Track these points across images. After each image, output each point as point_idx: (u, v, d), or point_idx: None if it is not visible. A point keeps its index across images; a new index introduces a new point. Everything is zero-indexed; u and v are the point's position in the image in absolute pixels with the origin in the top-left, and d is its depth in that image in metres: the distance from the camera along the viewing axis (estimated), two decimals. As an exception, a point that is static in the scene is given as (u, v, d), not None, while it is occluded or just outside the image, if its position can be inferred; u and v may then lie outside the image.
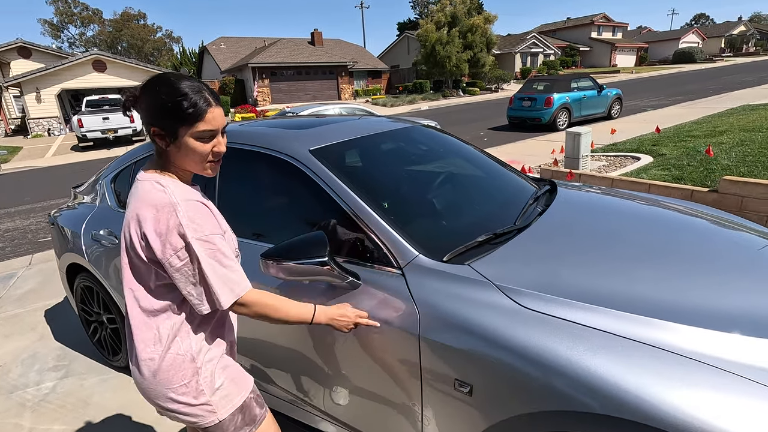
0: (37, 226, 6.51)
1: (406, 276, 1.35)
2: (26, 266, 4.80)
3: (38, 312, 3.55)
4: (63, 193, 8.57)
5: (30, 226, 6.57)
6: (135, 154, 2.35)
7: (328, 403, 1.57)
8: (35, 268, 4.70)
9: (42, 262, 4.89)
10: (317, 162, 1.64)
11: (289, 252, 1.32)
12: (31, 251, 5.36)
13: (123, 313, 2.35)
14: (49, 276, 4.39)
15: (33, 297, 3.89)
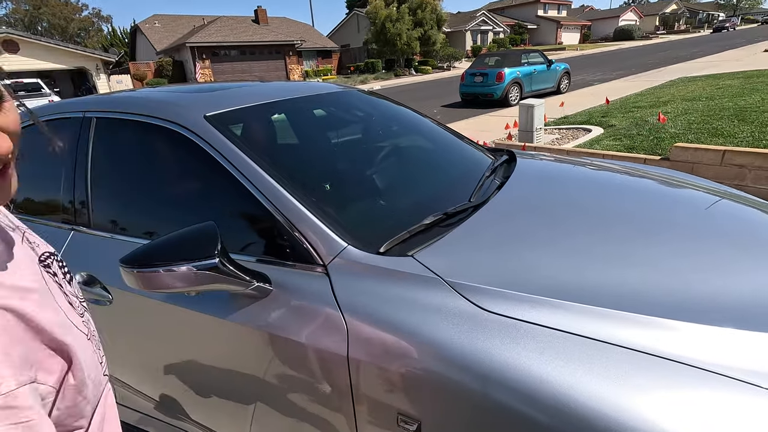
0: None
1: (330, 275, 1.01)
2: None
3: None
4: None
5: None
6: None
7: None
8: None
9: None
10: (214, 131, 1.25)
11: (160, 254, 0.94)
12: None
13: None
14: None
15: None
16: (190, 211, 1.28)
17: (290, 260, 1.08)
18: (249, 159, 1.18)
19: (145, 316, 1.23)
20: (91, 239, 1.38)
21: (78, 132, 1.48)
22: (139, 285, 0.94)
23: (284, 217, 1.08)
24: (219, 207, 1.22)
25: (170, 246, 0.95)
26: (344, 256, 1.03)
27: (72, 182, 1.46)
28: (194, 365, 1.20)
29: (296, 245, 1.07)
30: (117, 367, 1.45)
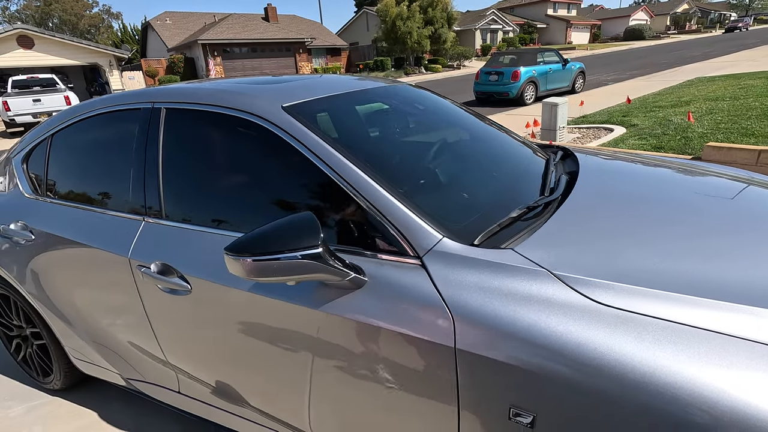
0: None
1: (427, 267, 1.00)
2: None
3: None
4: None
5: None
6: (52, 123, 1.83)
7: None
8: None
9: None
10: (294, 122, 1.24)
11: (265, 243, 0.94)
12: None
13: (47, 325, 1.87)
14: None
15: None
16: (269, 202, 1.28)
17: (381, 252, 1.07)
18: (334, 150, 1.17)
19: (227, 305, 1.23)
20: (165, 229, 1.38)
21: (147, 123, 1.48)
22: (244, 273, 0.94)
23: (375, 209, 1.08)
24: (301, 198, 1.22)
25: (274, 235, 0.95)
26: (440, 248, 1.02)
27: (142, 173, 1.46)
28: (277, 355, 1.19)
29: (388, 237, 1.06)
30: (188, 356, 1.45)
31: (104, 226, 1.53)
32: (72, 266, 1.63)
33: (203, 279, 1.25)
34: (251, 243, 0.94)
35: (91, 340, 1.76)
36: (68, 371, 2.00)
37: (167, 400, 1.66)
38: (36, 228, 1.72)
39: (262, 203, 1.28)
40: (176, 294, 1.32)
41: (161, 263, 1.34)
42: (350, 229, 1.13)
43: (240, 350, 1.27)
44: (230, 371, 1.35)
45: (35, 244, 1.72)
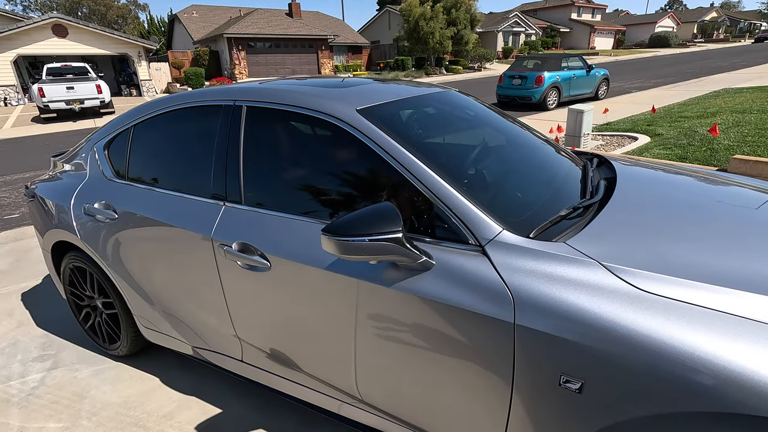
0: (2, 202, 5.97)
1: (489, 255, 1.16)
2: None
3: (13, 296, 3.20)
4: (27, 167, 7.93)
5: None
6: (134, 115, 2.04)
7: (387, 400, 1.39)
8: (4, 248, 4.27)
9: (11, 241, 4.46)
10: (369, 123, 1.41)
11: (357, 226, 1.11)
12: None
13: (121, 296, 2.08)
14: (21, 256, 4.00)
15: (5, 280, 3.51)
16: (340, 193, 1.45)
17: (446, 240, 1.23)
18: (404, 149, 1.34)
19: (304, 281, 1.40)
20: (245, 213, 1.57)
21: (229, 118, 1.67)
22: (337, 251, 1.11)
23: (441, 202, 1.24)
24: (372, 191, 1.39)
25: (362, 221, 1.12)
26: (501, 239, 1.18)
27: (223, 163, 1.64)
28: (345, 327, 1.36)
29: (453, 228, 1.22)
30: (257, 328, 1.64)
31: (186, 208, 1.72)
32: (153, 243, 1.83)
33: (282, 258, 1.43)
34: (344, 226, 1.11)
35: (162, 311, 1.96)
36: (135, 339, 2.21)
37: (229, 367, 1.85)
38: (119, 208, 1.93)
39: (335, 194, 1.45)
40: (256, 270, 1.50)
41: (242, 243, 1.52)
42: (418, 219, 1.30)
43: (311, 322, 1.45)
44: (297, 342, 1.53)
45: (118, 222, 1.92)
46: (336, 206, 1.44)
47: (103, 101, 14.61)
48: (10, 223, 5.13)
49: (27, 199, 2.51)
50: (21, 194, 6.30)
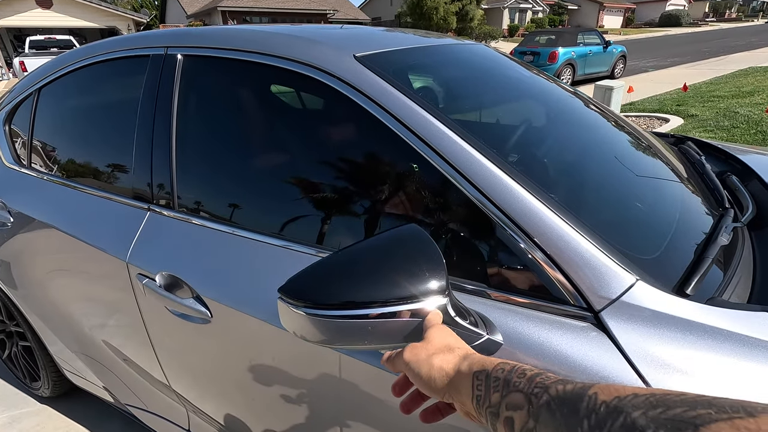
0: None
1: (610, 329, 0.59)
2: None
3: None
4: None
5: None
6: (38, 76, 1.43)
7: None
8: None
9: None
10: (378, 80, 0.82)
11: (354, 282, 0.53)
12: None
13: (31, 327, 1.52)
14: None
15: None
16: (334, 199, 0.86)
17: (522, 295, 0.66)
18: (442, 124, 0.75)
19: (268, 348, 0.84)
20: (178, 225, 0.99)
21: (157, 77, 1.07)
22: (312, 334, 0.53)
23: (514, 224, 0.66)
24: (387, 197, 0.80)
25: (367, 268, 0.54)
26: (633, 299, 0.60)
27: (149, 144, 1.05)
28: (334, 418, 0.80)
29: (536, 272, 0.65)
30: (204, 394, 1.08)
31: (98, 213, 1.14)
32: (57, 261, 1.26)
33: (230, 307, 0.85)
34: (320, 281, 0.53)
35: (80, 352, 1.40)
36: (57, 380, 1.66)
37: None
38: (15, 208, 1.34)
39: (319, 202, 0.86)
40: (188, 320, 0.93)
41: (170, 275, 0.95)
42: (464, 252, 0.72)
43: (282, 401, 0.88)
44: (265, 418, 0.98)
45: (13, 228, 1.34)
46: (323, 221, 0.85)
47: (89, 77, 13.83)
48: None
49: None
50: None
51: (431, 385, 0.44)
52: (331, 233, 0.83)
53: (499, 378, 0.38)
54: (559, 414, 0.31)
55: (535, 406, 0.33)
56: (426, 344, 0.46)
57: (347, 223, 0.85)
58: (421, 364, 0.44)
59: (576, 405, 0.30)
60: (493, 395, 0.38)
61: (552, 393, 0.33)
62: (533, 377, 0.36)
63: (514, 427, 0.35)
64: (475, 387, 0.40)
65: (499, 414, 0.36)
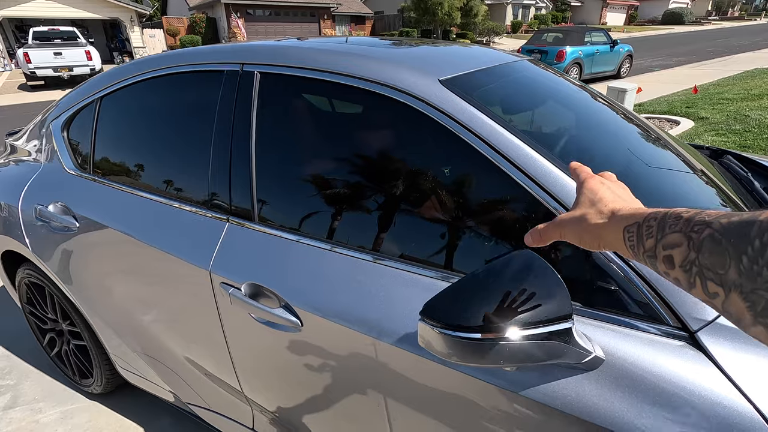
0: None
1: (708, 351, 0.64)
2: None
3: (-26, 299, 2.69)
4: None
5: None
6: (101, 83, 1.47)
7: None
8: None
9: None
10: (464, 104, 0.87)
11: (490, 307, 0.58)
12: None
13: (90, 327, 1.57)
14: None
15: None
16: (418, 215, 0.92)
17: (613, 314, 0.72)
18: (528, 147, 0.80)
19: (356, 356, 0.89)
20: (261, 238, 1.04)
21: (234, 92, 1.12)
22: (454, 354, 0.59)
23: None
24: (473, 216, 0.85)
25: (498, 295, 0.59)
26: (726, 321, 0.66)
27: (227, 158, 1.10)
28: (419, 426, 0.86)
29: (631, 294, 0.70)
30: (278, 398, 1.14)
31: (173, 223, 1.19)
32: (127, 267, 1.30)
33: (322, 318, 0.91)
34: (463, 308, 0.59)
35: (144, 354, 1.45)
36: (110, 378, 1.72)
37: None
38: (81, 214, 1.39)
39: (408, 216, 0.92)
40: (276, 328, 0.98)
41: (256, 285, 1.00)
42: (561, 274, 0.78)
43: (366, 407, 0.94)
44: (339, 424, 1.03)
45: (80, 233, 1.39)
46: (408, 235, 0.91)
47: (93, 68, 13.77)
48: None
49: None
50: None
51: (582, 245, 0.45)
52: (412, 247, 0.88)
53: (651, 227, 0.37)
54: (725, 241, 0.29)
55: (696, 241, 0.32)
56: (576, 211, 0.46)
57: (423, 239, 0.90)
58: (569, 233, 0.46)
59: (745, 230, 0.28)
60: (647, 242, 0.37)
61: (715, 226, 0.31)
62: (691, 218, 0.33)
63: (674, 262, 0.34)
64: (627, 239, 0.39)
65: (657, 255, 0.36)
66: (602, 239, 0.43)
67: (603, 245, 0.43)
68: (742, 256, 0.28)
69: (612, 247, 0.42)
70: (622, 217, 0.41)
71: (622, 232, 0.40)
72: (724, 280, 0.29)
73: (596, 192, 0.46)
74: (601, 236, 0.43)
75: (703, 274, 0.31)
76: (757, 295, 0.26)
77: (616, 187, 0.48)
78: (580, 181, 0.50)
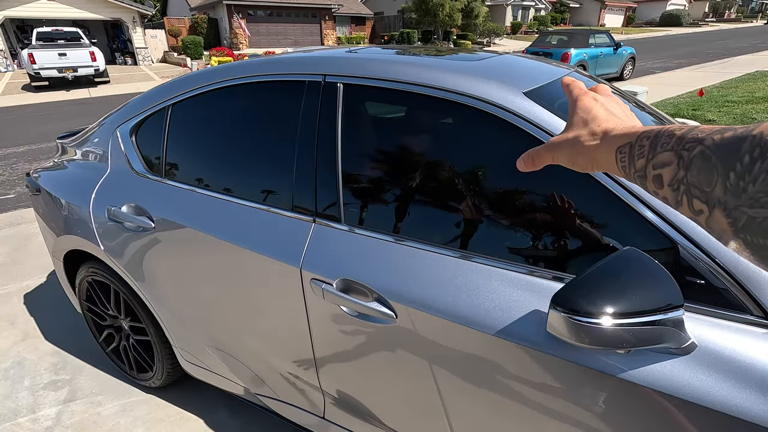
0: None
1: (792, 336, 0.73)
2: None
3: (14, 298, 2.76)
4: (20, 140, 7.35)
5: (-15, 179, 5.49)
6: (171, 91, 1.55)
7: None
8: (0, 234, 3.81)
9: (7, 226, 3.99)
10: (550, 115, 0.96)
11: (613, 296, 0.67)
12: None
13: (157, 323, 1.65)
14: (19, 245, 3.54)
15: (3, 276, 3.06)
16: (501, 217, 1.00)
17: (698, 303, 0.80)
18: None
19: (451, 345, 0.98)
20: (347, 237, 1.12)
21: (317, 102, 1.20)
22: (582, 339, 0.67)
23: (697, 246, 0.80)
24: (558, 215, 0.94)
25: (620, 285, 0.68)
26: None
27: (312, 165, 1.18)
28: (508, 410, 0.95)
29: (713, 282, 0.79)
30: (360, 388, 1.22)
31: (256, 223, 1.27)
32: (207, 265, 1.38)
33: (415, 309, 0.99)
34: (590, 296, 0.67)
35: (214, 347, 1.53)
36: (172, 371, 1.79)
37: (303, 422, 1.44)
38: (157, 214, 1.47)
39: (495, 216, 1.00)
40: (368, 320, 1.07)
41: (347, 280, 1.08)
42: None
43: (452, 394, 1.02)
44: (420, 412, 1.12)
45: (155, 232, 1.47)
46: (504, 237, 0.99)
47: (97, 69, 13.81)
48: (5, 204, 4.65)
49: (30, 191, 2.04)
50: (16, 171, 5.78)
51: (576, 168, 0.44)
52: (499, 246, 0.97)
53: (643, 146, 0.35)
54: (714, 158, 0.28)
55: (686, 159, 0.31)
56: (568, 132, 0.44)
57: (511, 239, 0.99)
58: (561, 157, 0.44)
59: (736, 146, 0.27)
60: (638, 162, 0.36)
61: (707, 143, 0.29)
62: (684, 135, 0.32)
63: (663, 181, 0.33)
64: (619, 160, 0.38)
65: (647, 175, 0.35)
66: (596, 161, 0.41)
67: (596, 167, 0.41)
68: (730, 172, 0.27)
69: (605, 168, 0.41)
70: (614, 137, 0.39)
71: (615, 153, 0.38)
72: (709, 197, 0.29)
73: (589, 110, 0.43)
74: (594, 158, 0.41)
75: (690, 192, 0.30)
76: (740, 212, 0.26)
77: (611, 102, 0.45)
78: (573, 99, 0.47)
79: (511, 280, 0.92)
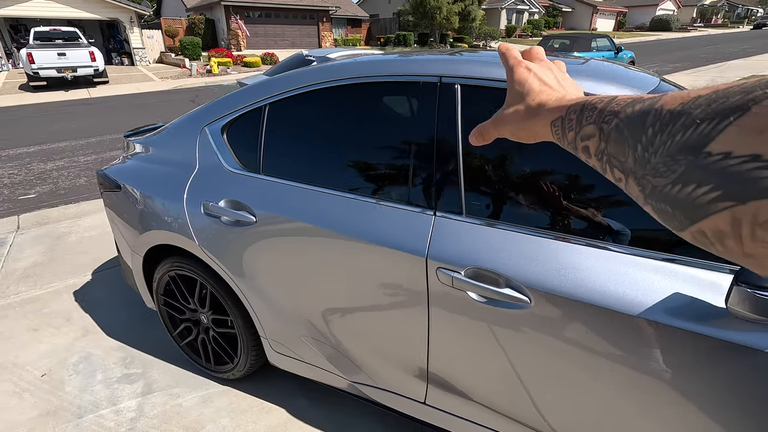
0: (12, 179, 5.42)
1: None
2: (14, 230, 3.89)
3: (64, 295, 2.78)
4: (28, 140, 7.29)
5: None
6: (264, 91, 1.61)
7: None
8: (29, 234, 3.81)
9: (35, 226, 3.99)
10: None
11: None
12: (13, 211, 4.39)
13: (247, 314, 1.71)
14: (52, 245, 3.55)
15: (45, 273, 3.08)
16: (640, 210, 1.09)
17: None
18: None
19: (587, 328, 1.05)
20: (471, 229, 1.20)
21: (434, 103, 1.27)
22: (763, 314, 0.76)
23: None
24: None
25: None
26: None
27: (431, 163, 1.25)
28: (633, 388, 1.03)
29: None
30: (474, 373, 1.29)
31: (371, 217, 1.33)
32: (317, 258, 1.44)
33: (552, 293, 1.07)
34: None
35: (312, 338, 1.59)
36: (255, 362, 1.85)
37: (405, 409, 1.51)
38: (259, 209, 1.52)
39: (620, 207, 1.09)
40: (498, 306, 1.14)
41: (477, 269, 1.16)
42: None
43: (582, 376, 1.10)
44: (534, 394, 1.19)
45: (259, 226, 1.52)
46: (631, 225, 1.07)
47: (96, 69, 13.72)
48: (27, 204, 4.63)
49: (102, 190, 2.07)
50: (31, 171, 5.74)
51: (521, 140, 0.46)
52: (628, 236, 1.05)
53: (572, 120, 0.38)
54: (626, 131, 0.31)
55: (606, 131, 0.33)
56: (508, 108, 0.46)
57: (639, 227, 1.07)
58: (505, 132, 0.46)
59: (642, 119, 0.29)
60: (569, 134, 0.38)
61: (621, 116, 0.32)
62: (603, 109, 0.34)
63: (590, 152, 0.35)
64: (554, 133, 0.41)
65: (577, 147, 0.37)
66: (537, 134, 0.43)
67: (539, 138, 0.43)
68: (637, 144, 0.29)
69: (546, 139, 0.43)
70: (548, 111, 0.41)
71: (550, 127, 0.41)
72: (624, 167, 0.31)
73: (524, 83, 0.45)
74: (534, 132, 0.43)
75: (611, 162, 0.33)
76: (646, 180, 0.28)
77: (543, 70, 0.46)
78: (509, 68, 0.47)
79: (650, 267, 1.00)
